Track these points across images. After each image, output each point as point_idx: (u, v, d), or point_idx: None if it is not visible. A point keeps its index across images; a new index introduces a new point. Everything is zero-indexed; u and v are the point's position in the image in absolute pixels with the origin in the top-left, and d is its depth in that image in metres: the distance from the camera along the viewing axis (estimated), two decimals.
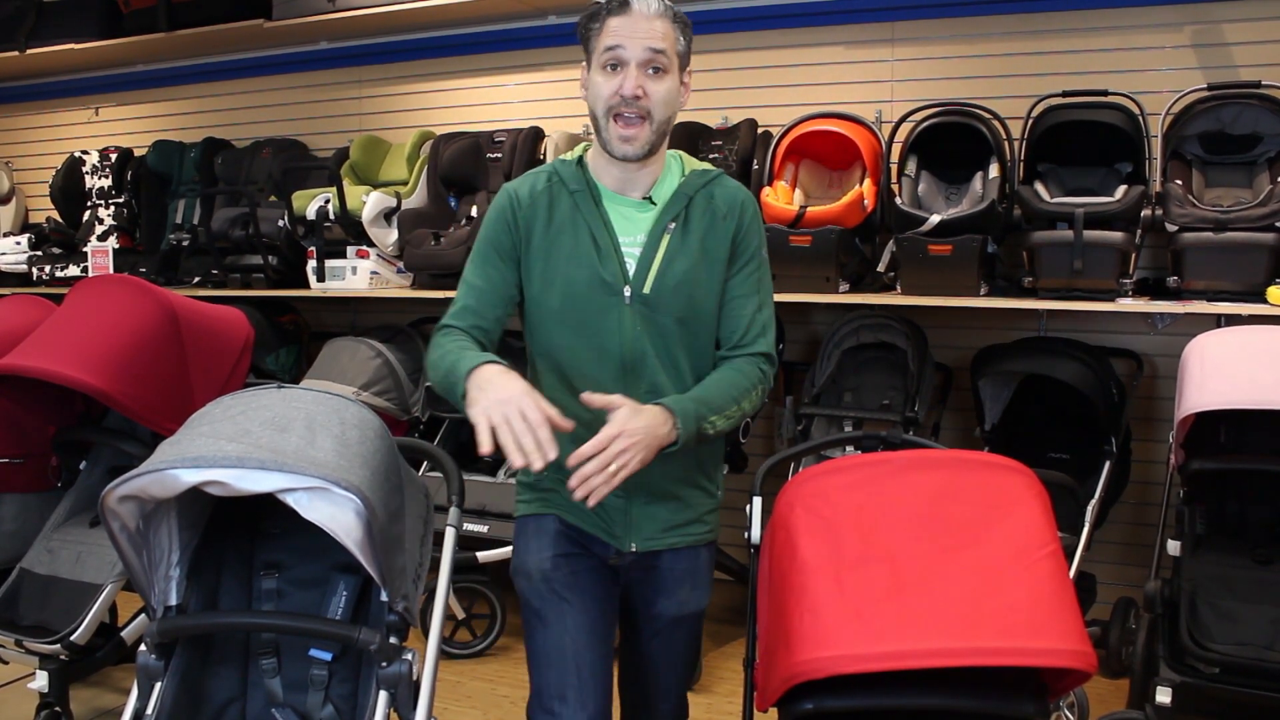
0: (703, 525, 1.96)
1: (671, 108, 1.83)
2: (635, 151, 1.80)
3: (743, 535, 2.06)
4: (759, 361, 1.88)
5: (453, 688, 3.22)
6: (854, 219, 3.35)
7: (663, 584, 1.94)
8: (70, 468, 2.87)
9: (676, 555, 1.93)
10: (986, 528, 1.59)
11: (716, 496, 2.01)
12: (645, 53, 1.77)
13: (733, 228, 1.89)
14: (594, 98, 1.82)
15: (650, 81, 1.78)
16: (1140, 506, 3.49)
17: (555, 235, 1.85)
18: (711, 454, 1.98)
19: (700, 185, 1.89)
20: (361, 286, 4.05)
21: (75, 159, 4.94)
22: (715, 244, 1.87)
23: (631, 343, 1.83)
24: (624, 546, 1.89)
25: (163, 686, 1.71)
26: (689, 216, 1.86)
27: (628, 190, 1.88)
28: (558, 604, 1.86)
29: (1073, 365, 3.17)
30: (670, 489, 1.89)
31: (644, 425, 1.66)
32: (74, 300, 2.78)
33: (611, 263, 1.83)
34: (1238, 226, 2.95)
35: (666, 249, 1.84)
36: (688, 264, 1.84)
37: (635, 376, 1.84)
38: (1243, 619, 2.39)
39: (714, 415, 1.78)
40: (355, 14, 4.31)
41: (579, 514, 1.88)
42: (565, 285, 1.84)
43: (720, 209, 1.89)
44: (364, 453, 1.62)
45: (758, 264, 1.92)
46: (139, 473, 1.51)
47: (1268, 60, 3.31)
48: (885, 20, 3.82)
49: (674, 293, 1.83)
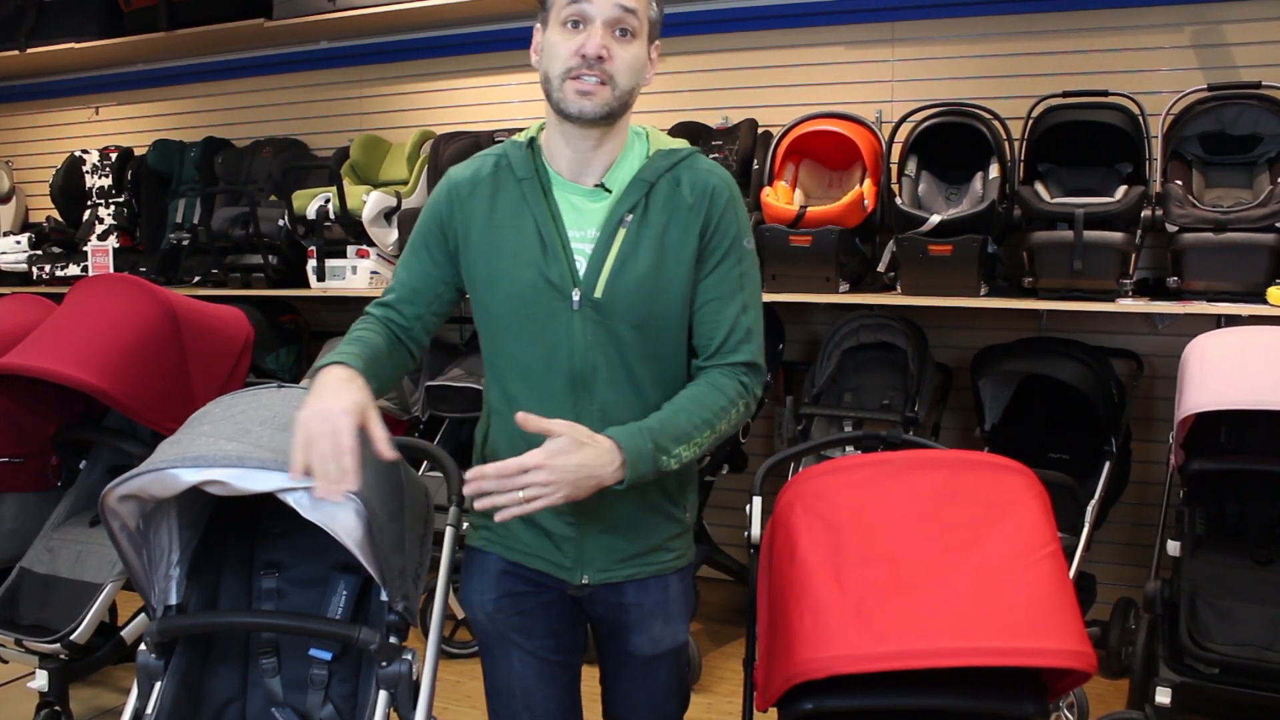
0: (668, 553, 1.74)
1: (637, 77, 1.60)
2: (594, 108, 1.55)
3: (742, 535, 2.05)
4: (740, 373, 1.65)
5: (452, 687, 3.22)
6: (854, 219, 3.35)
7: (631, 621, 1.74)
8: (70, 467, 2.87)
9: (642, 587, 1.73)
10: (986, 528, 1.59)
11: (684, 520, 1.76)
12: (614, 9, 1.54)
13: (700, 219, 1.63)
14: (549, 59, 1.58)
15: (616, 44, 1.55)
16: (1140, 507, 3.49)
17: (498, 230, 1.63)
18: (678, 477, 1.72)
19: (665, 169, 1.64)
20: (362, 286, 4.05)
21: (75, 158, 4.94)
22: (680, 239, 1.62)
23: (582, 354, 1.61)
24: (575, 579, 1.70)
25: (163, 686, 1.71)
26: (649, 206, 1.62)
27: (581, 176, 1.64)
28: (503, 644, 1.75)
29: (1073, 365, 3.17)
30: (627, 517, 1.68)
31: (578, 464, 1.47)
32: (74, 299, 2.78)
33: (559, 262, 1.60)
34: (1238, 227, 2.95)
35: (621, 246, 1.60)
36: (646, 263, 1.60)
37: (587, 392, 1.62)
38: (1242, 619, 2.39)
39: (679, 446, 1.56)
40: (356, 14, 4.31)
41: (522, 551, 1.72)
42: (510, 287, 1.62)
43: (686, 198, 1.63)
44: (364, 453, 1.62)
45: (737, 259, 1.66)
46: (139, 472, 1.51)
47: (1268, 61, 3.30)
48: (885, 20, 3.82)
49: (629, 297, 1.60)
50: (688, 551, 1.79)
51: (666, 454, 1.55)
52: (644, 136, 1.69)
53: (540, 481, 1.46)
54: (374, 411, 1.47)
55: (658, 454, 1.54)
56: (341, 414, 1.42)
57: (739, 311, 1.65)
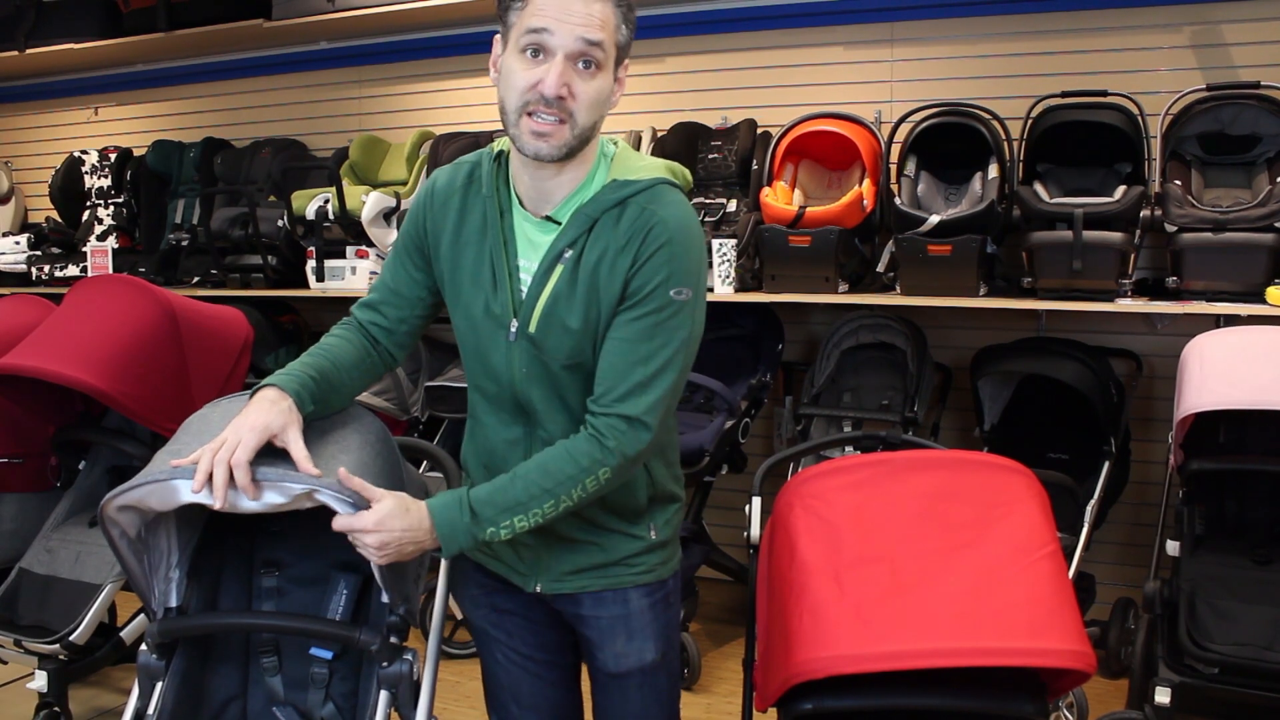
0: (628, 568, 1.68)
1: (600, 110, 1.50)
2: (550, 151, 1.47)
3: (742, 535, 2.05)
4: (615, 430, 1.50)
5: (452, 687, 3.22)
6: (853, 219, 3.36)
7: (592, 635, 1.71)
8: (69, 467, 2.87)
9: (598, 601, 1.68)
10: (986, 528, 1.59)
11: (648, 539, 1.68)
12: (577, 43, 1.44)
13: (629, 259, 1.50)
14: (506, 87, 1.48)
15: (579, 79, 1.46)
16: (1139, 507, 3.49)
17: (462, 249, 1.60)
18: (633, 498, 1.65)
19: (613, 203, 1.52)
20: (361, 286, 4.05)
21: (74, 159, 4.93)
22: (608, 279, 1.51)
23: (521, 383, 1.59)
24: (528, 587, 1.70)
25: (163, 686, 1.71)
26: (588, 243, 1.52)
27: (538, 204, 1.57)
28: (487, 639, 1.80)
29: (1072, 365, 3.17)
30: (580, 533, 1.65)
31: (402, 528, 1.48)
32: (73, 300, 2.78)
33: (504, 291, 1.56)
34: (1236, 227, 2.95)
35: (555, 283, 1.53)
36: (578, 302, 1.53)
37: (531, 420, 1.62)
38: (1242, 619, 2.39)
39: (512, 516, 1.50)
40: (355, 14, 4.31)
41: (485, 554, 1.73)
42: (466, 309, 1.61)
43: (620, 238, 1.50)
44: (364, 457, 1.62)
45: (656, 306, 1.50)
46: (137, 483, 1.50)
47: (1267, 61, 3.31)
48: (885, 21, 3.82)
49: (559, 335, 1.54)
50: (658, 568, 1.71)
51: (493, 524, 1.51)
52: (608, 162, 1.59)
53: (371, 544, 1.48)
54: (291, 432, 1.49)
55: (476, 526, 1.51)
56: (250, 429, 1.45)
57: (637, 361, 1.51)
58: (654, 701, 1.76)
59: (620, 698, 1.75)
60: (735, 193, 3.69)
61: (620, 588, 1.68)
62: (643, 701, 1.75)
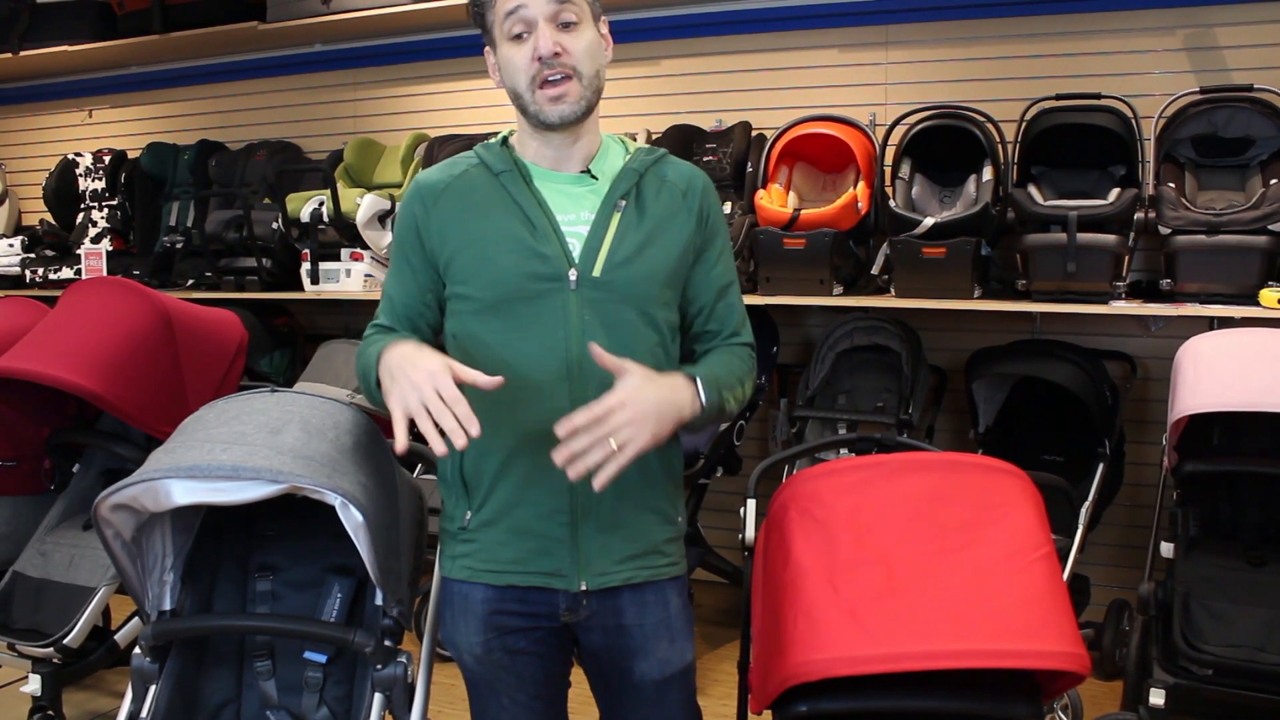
0: (663, 557, 1.70)
1: (598, 60, 1.62)
2: (571, 109, 1.58)
3: (737, 538, 2.05)
4: (750, 352, 1.77)
5: (447, 690, 3.21)
6: (848, 221, 3.36)
7: (634, 646, 1.68)
8: (63, 470, 2.87)
9: (641, 604, 1.67)
10: (980, 530, 1.59)
11: (678, 524, 1.74)
12: (550, 5, 1.56)
13: (697, 206, 1.68)
14: (510, 75, 1.61)
15: (566, 36, 1.57)
16: (1134, 509, 3.50)
17: (479, 220, 1.62)
18: (666, 471, 1.71)
19: (650, 163, 1.69)
20: (356, 289, 4.05)
21: (69, 161, 4.93)
22: (677, 226, 1.67)
23: (579, 336, 1.58)
24: (573, 586, 1.63)
25: (157, 689, 1.71)
26: (641, 194, 1.66)
27: (562, 166, 1.66)
28: (492, 689, 1.70)
29: (1066, 368, 3.18)
30: (621, 515, 1.64)
31: (656, 397, 1.48)
32: (67, 302, 2.77)
33: (551, 243, 1.60)
34: (1230, 229, 2.96)
35: (618, 228, 1.62)
36: (644, 246, 1.63)
37: (583, 377, 1.57)
38: (1236, 621, 2.39)
39: (726, 392, 1.63)
40: (350, 16, 4.31)
41: (513, 570, 1.64)
42: (493, 274, 1.60)
43: (679, 186, 1.68)
44: (359, 458, 1.62)
45: (724, 245, 1.75)
46: (131, 482, 1.50)
47: (1260, 64, 3.31)
48: (879, 23, 3.82)
49: (631, 276, 1.61)
50: (682, 560, 1.75)
51: (724, 393, 1.62)
52: (618, 138, 1.75)
53: (627, 420, 1.44)
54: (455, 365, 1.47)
55: (720, 389, 1.61)
56: (435, 373, 1.44)
57: (738, 298, 1.78)
58: (689, 699, 1.80)
59: (662, 707, 1.73)
60: (730, 195, 3.69)
61: (659, 581, 1.70)
62: (680, 705, 1.77)
